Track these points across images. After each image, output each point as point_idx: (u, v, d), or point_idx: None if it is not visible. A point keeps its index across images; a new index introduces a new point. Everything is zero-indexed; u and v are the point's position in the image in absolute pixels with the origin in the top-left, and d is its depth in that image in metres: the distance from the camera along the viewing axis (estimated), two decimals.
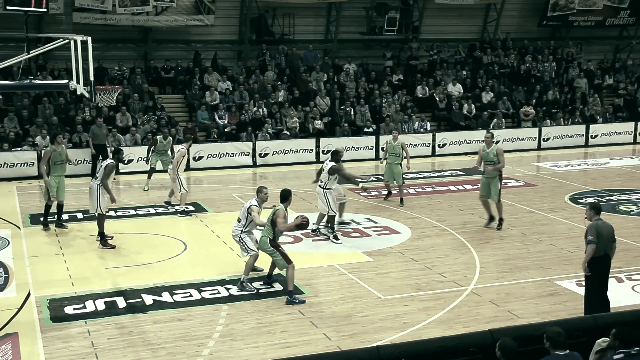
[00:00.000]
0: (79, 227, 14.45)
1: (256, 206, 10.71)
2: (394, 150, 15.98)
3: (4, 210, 15.69)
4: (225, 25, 25.95)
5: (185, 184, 15.44)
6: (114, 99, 11.94)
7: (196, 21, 24.77)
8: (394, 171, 15.93)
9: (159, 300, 10.28)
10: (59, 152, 13.99)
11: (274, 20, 26.69)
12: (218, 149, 21.15)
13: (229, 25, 26.10)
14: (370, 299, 10.34)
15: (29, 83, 12.23)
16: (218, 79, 24.33)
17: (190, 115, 23.52)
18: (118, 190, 14.42)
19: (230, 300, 10.29)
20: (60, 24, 23.48)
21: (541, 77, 27.76)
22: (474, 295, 10.45)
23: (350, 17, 27.15)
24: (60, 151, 14.04)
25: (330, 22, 27.30)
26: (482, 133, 23.70)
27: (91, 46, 10.72)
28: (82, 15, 23.11)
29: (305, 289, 10.69)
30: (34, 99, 21.95)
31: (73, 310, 9.92)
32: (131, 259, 12.31)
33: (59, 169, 14.02)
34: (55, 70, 22.63)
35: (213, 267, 11.90)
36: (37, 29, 22.44)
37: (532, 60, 28.08)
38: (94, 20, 23.34)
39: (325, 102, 24.37)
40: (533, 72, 27.80)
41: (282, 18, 26.54)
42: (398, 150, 15.95)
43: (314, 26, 27.44)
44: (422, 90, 25.95)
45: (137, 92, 22.85)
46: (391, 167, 15.94)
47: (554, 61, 28.34)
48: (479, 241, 13.26)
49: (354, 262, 12.00)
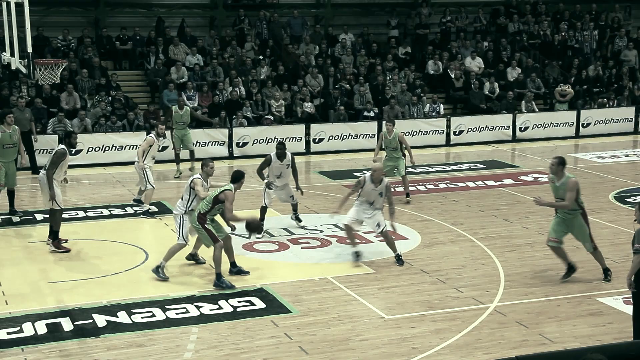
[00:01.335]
0: (14, 232, 14.36)
1: (199, 179, 11.68)
2: (390, 145, 16.25)
3: None
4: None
5: (152, 178, 15.43)
6: (57, 76, 11.90)
7: None
8: (398, 164, 16.20)
9: (114, 321, 10.21)
10: (9, 133, 14.52)
11: None
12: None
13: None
14: (371, 319, 10.33)
15: None
16: (186, 52, 24.25)
17: (152, 96, 23.45)
18: (63, 187, 14.38)
19: (202, 320, 10.25)
20: None
21: (580, 48, 27.85)
22: (497, 315, 10.44)
23: None
24: (11, 132, 14.57)
25: None
26: (506, 118, 23.87)
27: (28, 9, 10.63)
28: None
29: (292, 306, 10.68)
30: None
31: (7, 334, 9.82)
32: (80, 272, 12.23)
33: (10, 152, 14.50)
34: None
35: (180, 281, 11.84)
36: None
37: (569, 28, 28.15)
38: None
39: (317, 80, 24.35)
40: (570, 43, 27.88)
41: None
42: (395, 144, 16.21)
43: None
44: (434, 66, 25.96)
45: (86, 67, 22.75)
46: (393, 160, 16.26)
47: (596, 29, 28.43)
48: (503, 249, 13.27)
49: (352, 274, 11.98)
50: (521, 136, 23.93)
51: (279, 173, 14.21)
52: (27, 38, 10.74)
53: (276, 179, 14.22)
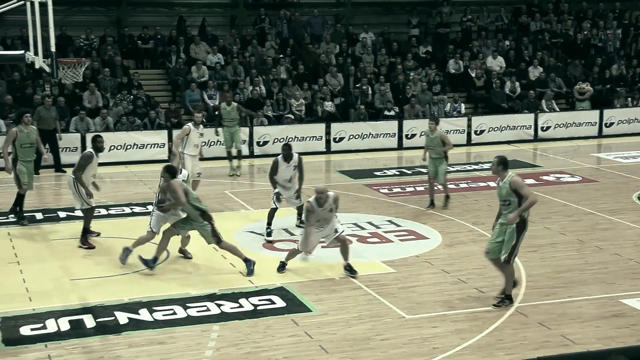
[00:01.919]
0: (37, 229, 14.48)
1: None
2: (432, 144, 15.76)
3: None
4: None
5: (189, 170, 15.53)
6: (80, 75, 11.96)
7: None
8: (438, 167, 15.65)
9: (136, 318, 10.26)
10: (27, 133, 14.52)
11: None
12: (206, 135, 21.09)
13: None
14: (391, 318, 10.31)
15: None
16: (207, 51, 24.34)
17: (173, 95, 23.55)
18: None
19: (222, 318, 10.28)
20: None
21: (603, 47, 27.65)
22: (519, 316, 10.39)
23: None
24: (29, 132, 14.57)
25: None
26: (527, 117, 23.76)
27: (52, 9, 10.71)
28: None
29: (312, 305, 10.68)
30: None
31: (30, 331, 9.90)
32: (102, 269, 12.30)
33: (28, 152, 14.47)
34: (7, 39, 22.71)
35: (201, 279, 11.89)
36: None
37: (592, 26, 27.97)
38: None
39: (337, 79, 24.34)
40: (593, 42, 27.70)
41: None
42: (437, 143, 15.66)
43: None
44: (455, 65, 25.89)
45: (108, 66, 22.89)
46: (434, 163, 15.73)
47: (619, 28, 28.20)
48: (525, 249, 13.13)
49: (372, 274, 11.96)
50: (543, 136, 23.81)
51: (288, 177, 13.83)
52: (51, 37, 10.81)
53: (286, 183, 13.85)
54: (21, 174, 14.38)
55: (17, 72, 21.97)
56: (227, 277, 11.87)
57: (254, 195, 16.90)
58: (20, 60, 12.20)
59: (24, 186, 14.44)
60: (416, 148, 22.54)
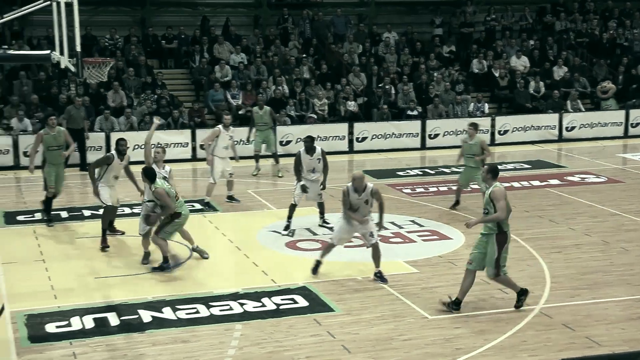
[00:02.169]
0: (63, 227, 14.59)
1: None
2: (470, 150, 15.11)
3: None
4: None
5: (217, 173, 15.69)
6: (105, 74, 12.04)
7: None
8: (474, 175, 14.97)
9: (159, 317, 10.31)
10: (54, 135, 14.53)
11: None
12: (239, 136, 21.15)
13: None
14: (414, 318, 10.29)
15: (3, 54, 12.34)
16: (230, 51, 24.41)
17: (197, 95, 23.64)
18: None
19: (245, 317, 10.31)
20: None
21: (629, 47, 27.39)
22: (543, 317, 10.33)
23: None
24: (56, 135, 14.56)
25: None
26: (552, 117, 23.59)
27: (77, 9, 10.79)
28: None
29: (335, 305, 10.68)
30: (8, 73, 22.22)
31: (56, 328, 9.99)
32: (126, 268, 12.39)
33: (55, 155, 14.48)
34: (33, 39, 22.91)
35: (224, 278, 11.94)
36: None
37: (618, 26, 27.71)
38: None
39: (360, 79, 24.32)
40: (619, 41, 27.45)
41: None
42: (476, 150, 15.01)
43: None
44: (478, 65, 25.77)
45: (132, 66, 23.03)
46: (470, 171, 15.11)
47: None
48: (549, 250, 13.13)
49: (395, 274, 11.94)
50: (568, 136, 23.64)
51: (311, 168, 14.00)
52: (76, 37, 10.88)
53: (310, 174, 14.00)
54: (48, 177, 14.46)
55: (43, 71, 22.17)
56: (250, 276, 11.91)
57: (277, 195, 16.92)
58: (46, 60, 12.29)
59: (50, 190, 14.50)
60: (439, 148, 22.55)
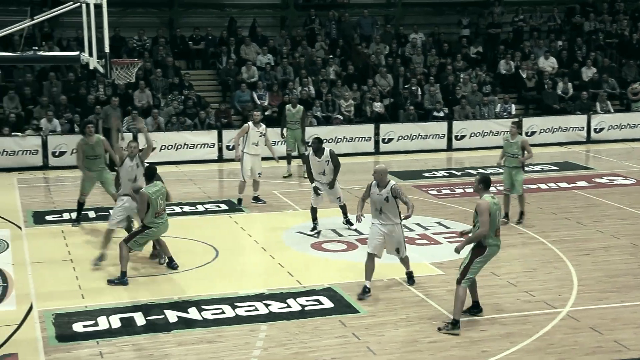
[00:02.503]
0: (91, 227, 14.70)
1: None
2: (511, 149, 14.51)
3: (3, 207, 16.09)
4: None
5: (247, 171, 15.70)
6: (133, 75, 12.13)
7: None
8: (515, 178, 14.49)
9: (185, 317, 10.36)
10: (92, 145, 14.41)
11: None
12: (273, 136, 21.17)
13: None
14: (440, 320, 10.24)
15: (33, 55, 12.51)
16: (257, 52, 24.47)
17: (223, 95, 23.73)
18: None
19: (270, 318, 10.33)
20: None
21: None
22: (570, 320, 10.25)
23: None
24: (94, 145, 14.41)
25: None
26: (580, 118, 23.37)
27: (106, 11, 10.88)
28: None
29: (360, 306, 10.66)
30: (38, 74, 22.45)
31: (83, 327, 10.07)
32: (152, 268, 12.46)
33: (92, 164, 14.48)
34: (63, 40, 23.13)
35: (250, 279, 11.97)
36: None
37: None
38: None
39: (387, 80, 24.27)
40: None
41: None
42: (517, 150, 14.43)
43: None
44: (505, 66, 25.61)
45: (160, 66, 23.16)
46: (510, 173, 14.58)
47: None
48: (576, 252, 13.02)
49: (421, 276, 11.89)
50: (596, 137, 23.43)
51: (321, 170, 13.88)
52: (105, 38, 10.99)
53: (321, 176, 13.92)
54: (82, 183, 14.59)
55: (72, 72, 22.37)
56: (275, 277, 11.92)
57: (303, 196, 16.92)
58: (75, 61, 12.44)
59: (82, 196, 14.64)
60: (466, 149, 22.44)
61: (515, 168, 14.50)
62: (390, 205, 10.86)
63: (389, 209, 10.87)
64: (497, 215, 9.85)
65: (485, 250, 9.85)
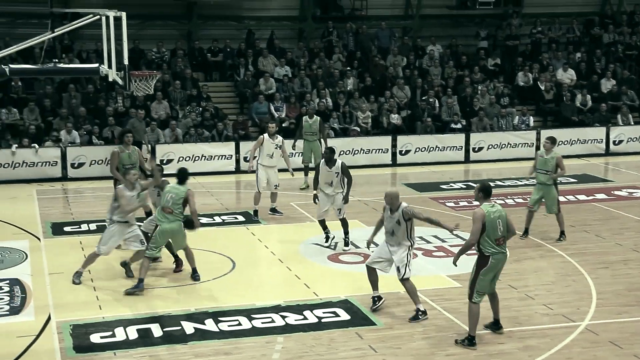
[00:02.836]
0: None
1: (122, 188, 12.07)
2: (545, 166, 14.11)
3: (22, 218, 16.20)
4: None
5: (262, 183, 15.71)
6: (151, 87, 12.20)
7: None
8: (547, 196, 14.18)
9: (202, 329, 10.37)
10: (129, 153, 14.18)
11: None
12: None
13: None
14: (457, 333, 10.19)
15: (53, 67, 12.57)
16: (275, 64, 24.55)
17: (241, 107, 23.80)
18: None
19: (287, 330, 10.32)
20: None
21: None
22: (589, 334, 10.18)
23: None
24: (131, 153, 14.21)
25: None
26: (598, 131, 23.25)
27: (126, 23, 10.95)
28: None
29: (377, 319, 10.63)
30: (58, 86, 22.64)
31: (100, 338, 10.10)
32: (169, 279, 12.49)
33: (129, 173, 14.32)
34: (83, 52, 23.31)
35: (266, 290, 11.97)
36: (64, 3, 23.13)
37: None
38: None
39: (404, 92, 24.26)
40: None
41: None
42: (551, 166, 14.05)
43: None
44: (524, 78, 25.54)
45: (178, 78, 23.29)
46: (541, 190, 14.22)
47: None
48: (595, 265, 12.92)
49: (438, 288, 11.87)
50: (615, 150, 23.29)
51: (329, 181, 13.67)
52: (124, 51, 11.07)
53: (327, 187, 13.70)
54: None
55: (91, 84, 22.53)
56: (292, 289, 11.92)
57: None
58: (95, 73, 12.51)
59: None
60: (483, 161, 22.37)
61: (547, 186, 14.16)
62: (402, 228, 10.63)
63: (400, 231, 10.66)
64: (497, 224, 9.65)
65: (489, 260, 9.70)
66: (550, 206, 14.23)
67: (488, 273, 9.74)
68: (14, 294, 11.63)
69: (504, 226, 9.76)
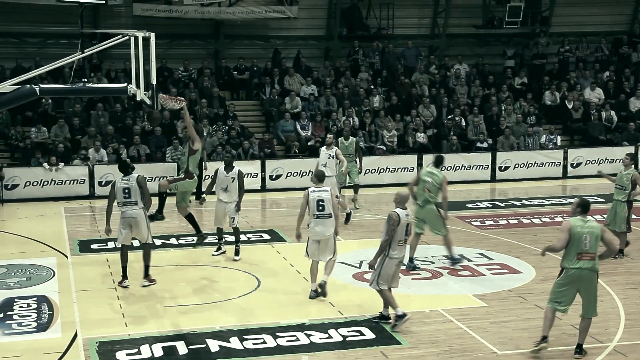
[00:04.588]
0: (135, 257, 14.86)
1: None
2: (621, 181, 14.07)
3: (50, 236, 16.38)
4: (310, 17, 26.40)
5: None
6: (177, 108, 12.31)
7: (276, 13, 25.30)
8: (618, 212, 14.13)
9: (227, 346, 10.40)
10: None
11: (369, 11, 26.92)
12: (299, 166, 21.36)
13: (315, 17, 26.53)
14: (483, 353, 10.15)
15: (82, 87, 12.77)
16: (301, 82, 24.68)
17: (267, 126, 23.94)
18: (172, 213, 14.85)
19: (312, 349, 10.32)
20: (118, 17, 24.50)
21: None
22: (617, 355, 10.08)
23: (462, 7, 27.06)
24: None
25: (438, 12, 27.28)
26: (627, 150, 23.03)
27: (154, 43, 11.09)
28: (143, 6, 24.05)
29: (402, 338, 10.60)
30: (86, 105, 22.91)
31: (126, 355, 10.16)
32: (195, 296, 12.56)
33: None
34: (111, 72, 23.58)
35: (291, 308, 11.97)
36: (93, 24, 23.44)
37: None
38: (157, 13, 24.23)
39: (430, 110, 24.26)
40: None
41: (379, 9, 26.74)
42: (626, 181, 13.98)
43: (418, 18, 27.52)
44: (551, 97, 25.45)
45: (205, 97, 23.46)
46: (615, 207, 14.20)
47: None
48: (623, 285, 12.81)
49: (464, 307, 11.82)
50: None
51: (225, 186, 14.34)
52: (152, 70, 11.19)
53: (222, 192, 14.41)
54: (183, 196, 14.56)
55: (119, 103, 22.79)
56: (317, 307, 11.92)
57: (345, 227, 16.90)
58: (123, 92, 12.67)
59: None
60: (510, 180, 22.27)
61: (620, 202, 14.15)
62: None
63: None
64: (582, 238, 9.77)
65: (563, 272, 9.96)
66: (618, 222, 14.17)
67: (563, 286, 9.98)
68: (42, 311, 11.75)
69: (593, 243, 9.79)
